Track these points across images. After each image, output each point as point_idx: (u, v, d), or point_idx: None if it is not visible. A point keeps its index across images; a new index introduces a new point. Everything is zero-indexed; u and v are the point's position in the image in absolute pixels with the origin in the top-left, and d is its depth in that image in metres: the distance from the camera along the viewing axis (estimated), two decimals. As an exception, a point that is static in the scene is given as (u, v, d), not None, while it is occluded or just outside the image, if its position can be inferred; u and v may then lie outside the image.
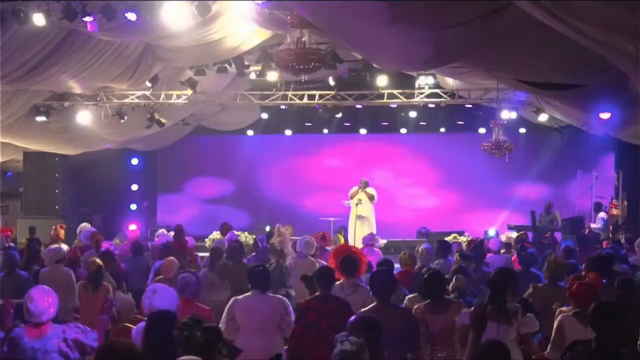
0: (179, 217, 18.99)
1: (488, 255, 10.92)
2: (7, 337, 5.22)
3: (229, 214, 19.69)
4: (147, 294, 5.60)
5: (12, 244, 11.76)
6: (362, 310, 6.00)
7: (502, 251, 11.37)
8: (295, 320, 6.43)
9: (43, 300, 5.21)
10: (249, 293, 6.79)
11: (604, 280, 6.71)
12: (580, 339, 4.71)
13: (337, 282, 7.23)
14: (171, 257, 9.06)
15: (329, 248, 11.13)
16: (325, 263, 8.97)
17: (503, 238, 13.26)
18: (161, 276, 8.61)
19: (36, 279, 9.31)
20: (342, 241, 14.02)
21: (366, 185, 16.12)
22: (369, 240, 12.24)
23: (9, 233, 13.67)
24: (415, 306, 6.32)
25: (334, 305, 6.33)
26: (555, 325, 6.02)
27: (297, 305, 6.91)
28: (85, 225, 13.26)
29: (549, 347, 5.98)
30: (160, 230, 14.61)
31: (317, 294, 6.64)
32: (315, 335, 6.10)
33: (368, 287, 7.45)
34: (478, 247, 10.57)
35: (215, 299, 8.79)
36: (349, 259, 7.28)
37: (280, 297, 6.89)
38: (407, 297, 7.04)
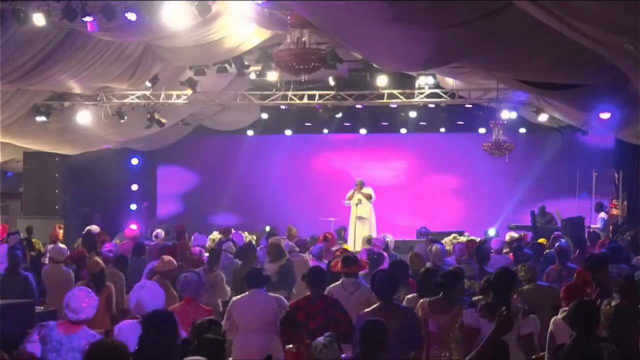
0: (179, 217, 18.97)
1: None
2: (40, 326, 5.35)
3: (229, 214, 19.70)
4: (134, 289, 5.63)
5: (17, 244, 11.71)
6: (365, 311, 6.02)
7: (504, 251, 11.32)
8: None
9: (84, 299, 5.36)
10: (247, 292, 6.81)
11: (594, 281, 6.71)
12: (564, 342, 4.80)
13: (338, 282, 7.25)
14: (167, 256, 8.97)
15: (334, 249, 11.14)
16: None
17: (507, 238, 13.18)
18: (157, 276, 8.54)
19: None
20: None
21: (362, 185, 16.09)
22: (381, 243, 12.03)
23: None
24: (421, 300, 6.30)
25: (320, 305, 6.40)
26: (549, 330, 6.09)
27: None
28: (96, 228, 13.09)
29: (546, 351, 6.01)
30: (158, 230, 14.56)
31: (307, 294, 6.67)
32: (305, 336, 6.13)
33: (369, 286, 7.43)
34: (479, 248, 10.53)
35: (210, 302, 8.75)
36: (348, 255, 7.63)
37: (278, 295, 6.93)
38: (406, 298, 7.03)
